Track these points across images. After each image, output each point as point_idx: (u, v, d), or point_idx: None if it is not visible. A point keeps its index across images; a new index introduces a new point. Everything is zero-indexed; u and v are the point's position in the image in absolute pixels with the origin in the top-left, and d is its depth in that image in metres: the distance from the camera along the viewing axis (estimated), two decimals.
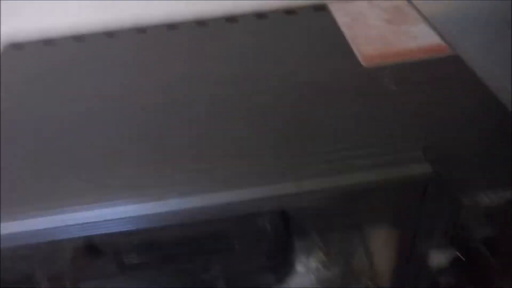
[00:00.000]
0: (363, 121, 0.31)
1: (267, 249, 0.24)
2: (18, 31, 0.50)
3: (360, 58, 0.39)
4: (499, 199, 0.29)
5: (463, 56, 0.38)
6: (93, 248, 0.24)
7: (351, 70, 0.37)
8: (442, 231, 0.30)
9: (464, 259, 0.31)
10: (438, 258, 0.32)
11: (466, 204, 0.28)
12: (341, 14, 0.47)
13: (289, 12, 0.47)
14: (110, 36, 0.48)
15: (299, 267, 0.32)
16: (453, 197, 0.28)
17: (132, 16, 0.50)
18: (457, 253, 0.31)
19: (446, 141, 0.29)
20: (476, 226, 0.30)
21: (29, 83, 0.41)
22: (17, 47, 0.48)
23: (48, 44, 0.48)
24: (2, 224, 0.24)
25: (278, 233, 0.25)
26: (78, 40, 0.48)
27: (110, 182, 0.27)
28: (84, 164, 0.29)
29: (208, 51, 0.44)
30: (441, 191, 0.28)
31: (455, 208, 0.28)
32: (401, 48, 0.40)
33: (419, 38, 0.42)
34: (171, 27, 0.48)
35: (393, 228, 0.30)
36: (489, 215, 0.29)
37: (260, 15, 0.47)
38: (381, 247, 0.35)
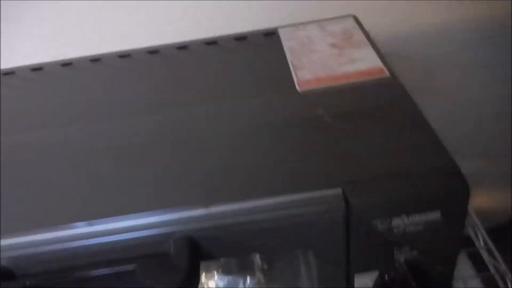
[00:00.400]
0: (286, 154, 0.32)
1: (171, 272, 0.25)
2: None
3: (297, 84, 0.40)
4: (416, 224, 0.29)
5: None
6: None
7: (285, 96, 0.38)
8: (365, 256, 0.31)
9: (387, 279, 0.31)
10: (363, 280, 0.32)
11: (382, 230, 0.29)
12: (288, 39, 0.48)
13: (239, 38, 0.49)
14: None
15: None
16: (369, 224, 0.28)
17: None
18: (380, 274, 0.31)
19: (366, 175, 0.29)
20: (396, 249, 0.30)
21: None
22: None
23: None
24: None
25: (182, 257, 0.25)
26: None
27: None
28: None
29: (155, 77, 0.45)
30: (359, 221, 0.28)
31: (372, 233, 0.29)
32: (339, 72, 0.41)
33: (358, 61, 0.43)
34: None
35: (317, 257, 0.30)
36: (408, 239, 0.30)
37: (210, 42, 0.49)
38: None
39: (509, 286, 0.49)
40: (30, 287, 0.25)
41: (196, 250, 0.27)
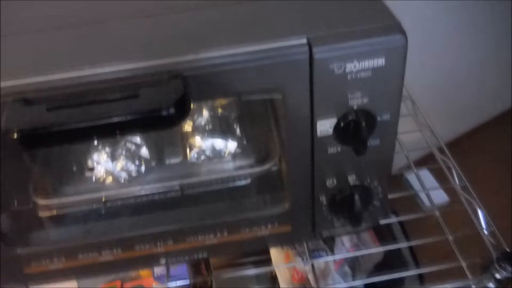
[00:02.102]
0: (263, 12, 0.38)
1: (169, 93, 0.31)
2: None
3: None
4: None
5: None
6: None
7: None
8: (325, 103, 0.38)
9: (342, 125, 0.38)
10: (324, 126, 0.39)
11: (338, 74, 0.36)
12: None
13: None
14: None
15: None
16: (328, 68, 0.35)
17: None
18: (338, 120, 0.38)
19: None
20: (350, 96, 0.37)
21: None
22: None
23: None
24: None
25: (177, 84, 0.31)
26: None
27: None
28: None
29: None
30: (320, 65, 0.35)
31: (330, 78, 0.36)
32: None
33: None
34: None
35: (286, 103, 0.37)
36: (359, 85, 0.37)
37: None
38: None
39: (481, 219, 0.56)
40: (51, 108, 0.30)
41: (187, 84, 0.33)
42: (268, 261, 0.75)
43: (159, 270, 0.79)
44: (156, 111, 0.30)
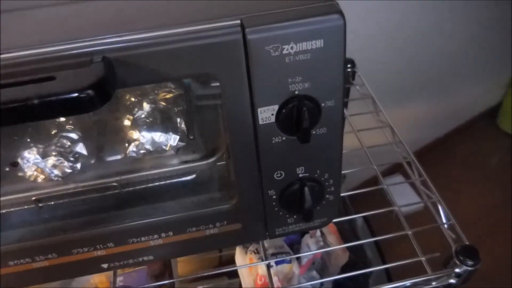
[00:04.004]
0: None
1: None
2: None
3: None
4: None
5: None
6: None
7: None
8: (265, 89, 0.36)
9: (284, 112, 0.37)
10: (266, 114, 0.37)
11: (275, 57, 0.34)
12: None
13: None
14: None
15: None
16: (264, 51, 0.33)
17: None
18: (279, 108, 0.36)
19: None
20: (290, 81, 0.36)
21: None
22: None
23: None
24: None
25: (98, 68, 0.29)
26: None
27: None
28: None
29: None
30: (255, 49, 0.33)
31: (268, 61, 0.34)
32: None
33: None
34: None
35: (224, 91, 0.35)
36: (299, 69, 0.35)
37: None
38: None
39: (441, 212, 0.55)
40: None
41: (111, 67, 0.31)
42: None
43: (118, 280, 0.75)
44: (71, 92, 0.28)
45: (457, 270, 0.48)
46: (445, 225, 0.53)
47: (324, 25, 0.34)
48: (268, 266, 0.51)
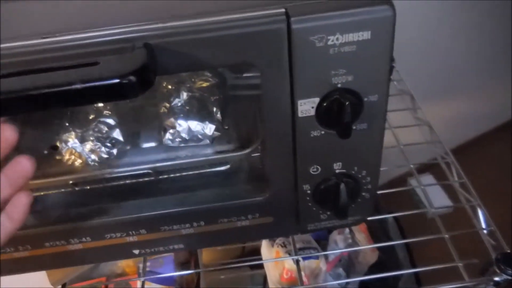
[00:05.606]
0: None
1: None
2: None
3: None
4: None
5: None
6: None
7: None
8: (307, 81, 0.35)
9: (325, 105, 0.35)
10: (306, 107, 0.36)
11: (319, 48, 0.33)
12: None
13: None
14: None
15: None
16: (308, 41, 0.32)
17: None
18: (320, 100, 0.35)
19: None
20: (333, 74, 0.34)
21: None
22: None
23: None
24: None
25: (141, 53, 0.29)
26: None
27: None
28: None
29: None
30: (299, 38, 0.32)
31: (311, 52, 0.33)
32: None
33: None
34: None
35: (263, 78, 0.34)
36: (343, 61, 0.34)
37: None
38: None
39: (481, 217, 0.52)
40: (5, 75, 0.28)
41: (153, 54, 0.30)
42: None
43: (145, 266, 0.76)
44: (114, 78, 0.27)
45: (496, 278, 0.46)
46: (485, 231, 0.51)
47: (372, 16, 0.32)
48: (298, 261, 0.50)
